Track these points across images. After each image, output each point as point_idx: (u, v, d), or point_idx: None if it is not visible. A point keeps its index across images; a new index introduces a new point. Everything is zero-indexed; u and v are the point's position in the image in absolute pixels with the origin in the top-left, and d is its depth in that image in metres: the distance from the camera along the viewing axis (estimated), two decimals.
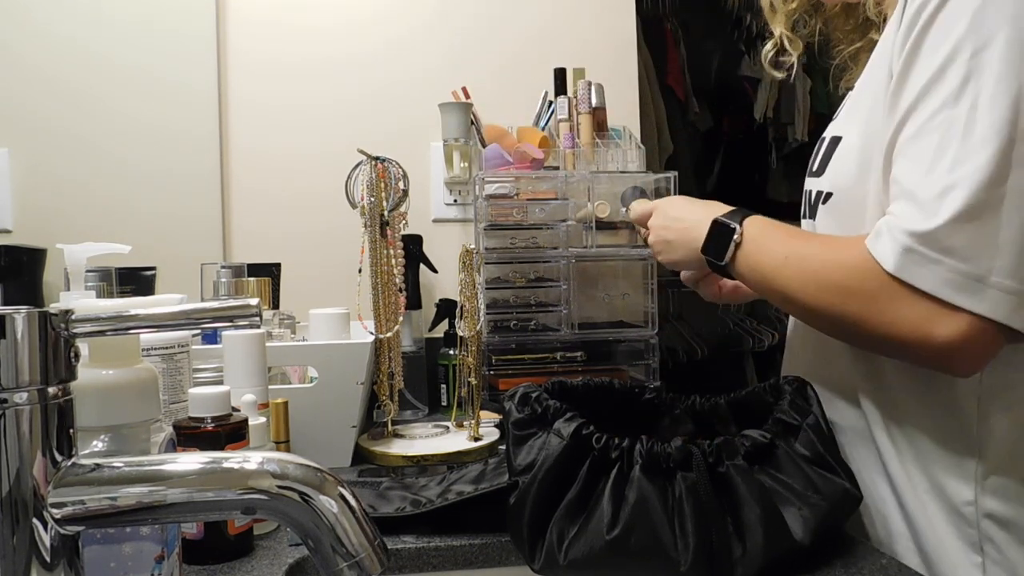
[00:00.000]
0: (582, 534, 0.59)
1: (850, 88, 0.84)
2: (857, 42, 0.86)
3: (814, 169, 0.76)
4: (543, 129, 1.39)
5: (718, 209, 0.76)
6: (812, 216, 0.75)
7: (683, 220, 0.80)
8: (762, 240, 0.71)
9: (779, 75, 0.91)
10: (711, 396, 0.78)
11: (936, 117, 0.58)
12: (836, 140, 0.73)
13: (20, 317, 0.36)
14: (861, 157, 0.68)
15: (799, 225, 0.82)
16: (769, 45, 0.88)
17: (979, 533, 0.63)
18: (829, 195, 0.72)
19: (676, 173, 1.27)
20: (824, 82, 2.99)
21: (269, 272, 1.18)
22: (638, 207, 0.91)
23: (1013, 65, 0.56)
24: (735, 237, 0.71)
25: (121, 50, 1.33)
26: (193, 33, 1.39)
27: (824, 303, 0.64)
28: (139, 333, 0.46)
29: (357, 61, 1.45)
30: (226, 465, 0.37)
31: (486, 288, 1.26)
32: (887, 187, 0.63)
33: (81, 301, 0.87)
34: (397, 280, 1.00)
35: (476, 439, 0.99)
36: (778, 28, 0.87)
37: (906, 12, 0.62)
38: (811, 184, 0.77)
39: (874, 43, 0.80)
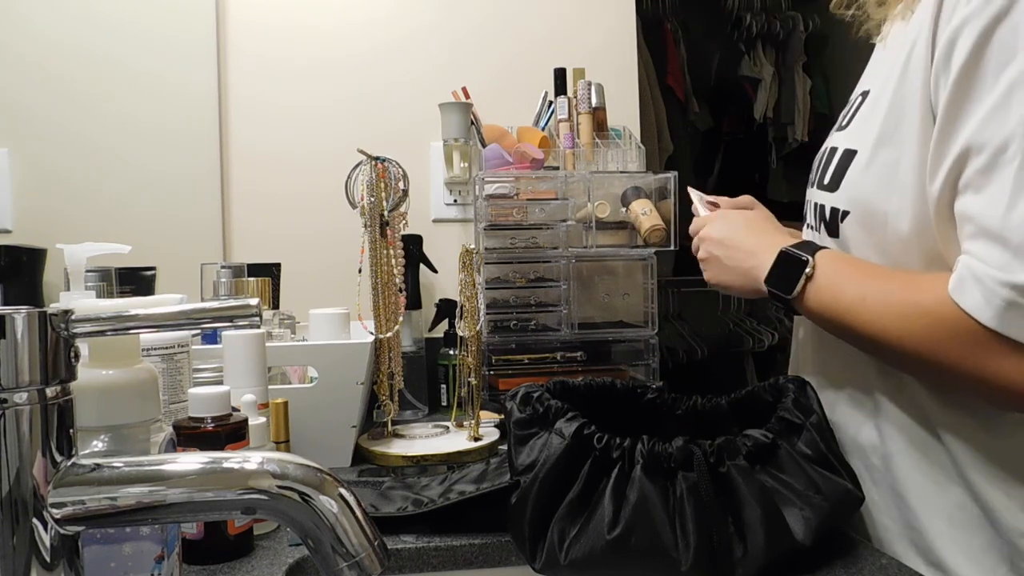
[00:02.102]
0: (583, 534, 0.59)
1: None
2: None
3: (825, 182, 0.72)
4: (543, 129, 1.39)
5: (783, 238, 0.73)
6: (834, 234, 0.71)
7: (743, 245, 0.77)
8: (837, 276, 0.67)
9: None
10: (712, 396, 0.78)
11: (1009, 148, 0.55)
12: (850, 153, 0.69)
13: (20, 317, 0.36)
14: (882, 174, 0.65)
15: (800, 229, 0.82)
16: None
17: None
18: (847, 213, 0.69)
19: (676, 173, 1.27)
20: (824, 82, 2.99)
21: (269, 272, 1.17)
22: (700, 217, 0.85)
23: None
24: (807, 270, 0.67)
25: (121, 50, 1.33)
26: (193, 33, 1.39)
27: (910, 348, 0.61)
28: (139, 333, 0.46)
29: (357, 61, 1.45)
30: (226, 465, 0.37)
31: (486, 288, 1.26)
32: (942, 216, 0.60)
33: (81, 301, 0.87)
34: (397, 280, 1.00)
35: (476, 439, 0.99)
36: None
37: (942, 19, 0.59)
38: (822, 198, 0.72)
39: None
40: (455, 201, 1.46)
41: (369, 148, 0.99)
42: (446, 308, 1.33)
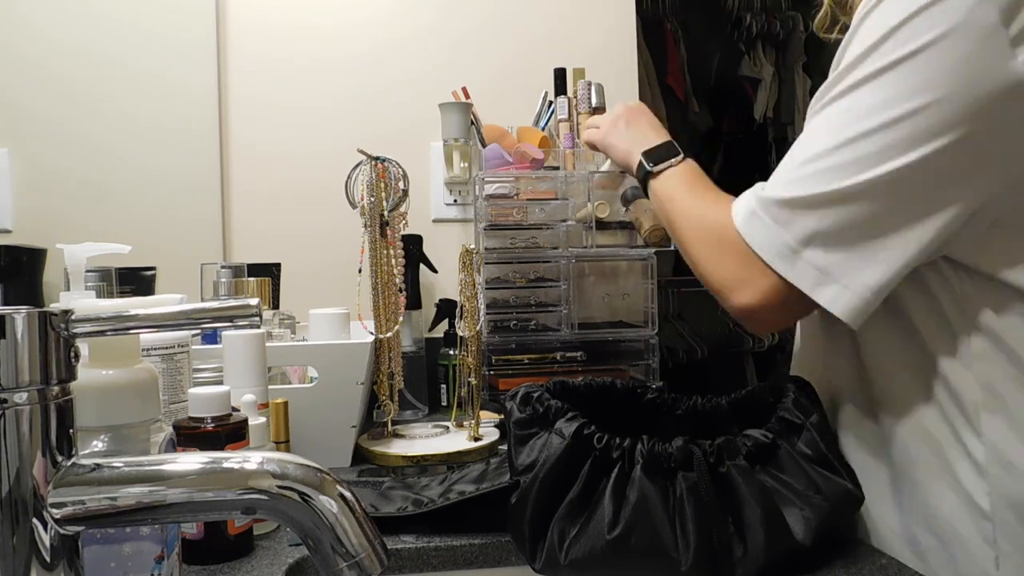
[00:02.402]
0: (583, 534, 0.59)
1: None
2: None
3: None
4: (543, 129, 1.39)
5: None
6: None
7: (647, 130, 0.93)
8: (687, 176, 0.81)
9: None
10: (712, 396, 0.78)
11: (835, 104, 0.62)
12: None
13: (20, 317, 0.36)
14: None
15: None
16: (821, 14, 0.85)
17: (994, 527, 0.62)
18: None
19: None
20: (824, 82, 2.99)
21: (269, 272, 1.17)
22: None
23: (915, 74, 0.58)
24: (674, 160, 0.83)
25: (121, 50, 1.33)
26: (193, 34, 1.39)
27: (691, 239, 0.74)
28: (139, 333, 0.46)
29: (357, 61, 1.45)
30: (226, 465, 0.37)
31: (486, 288, 1.26)
32: None
33: (81, 301, 0.87)
34: (397, 280, 1.00)
35: (476, 439, 0.99)
36: None
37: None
38: None
39: None
40: (455, 201, 1.46)
41: (369, 148, 0.99)
42: (446, 308, 1.33)
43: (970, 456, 0.63)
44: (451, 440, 1.00)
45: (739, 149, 3.00)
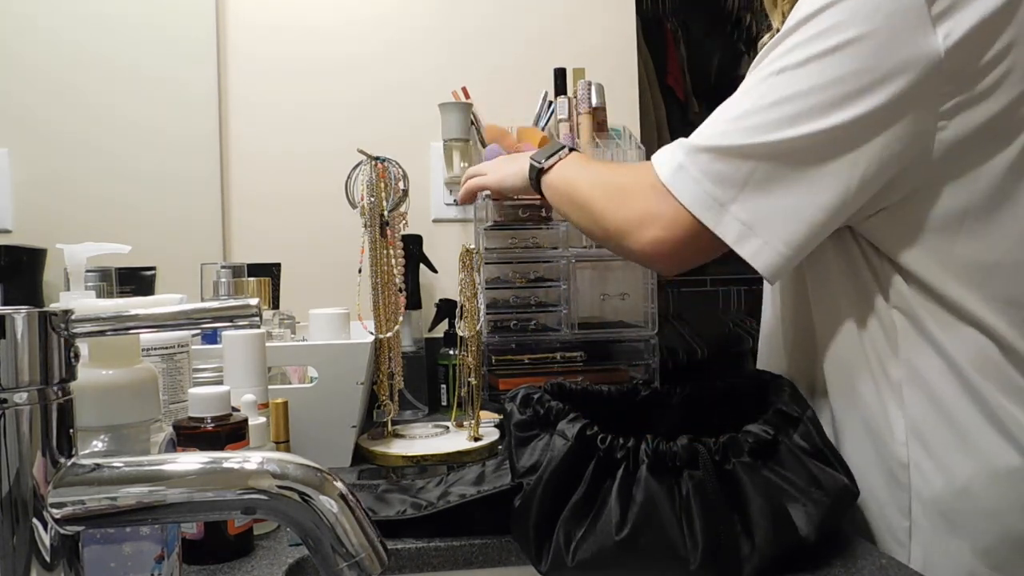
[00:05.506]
0: (590, 535, 0.59)
1: None
2: None
3: None
4: (543, 129, 1.39)
5: None
6: None
7: (516, 157, 0.96)
8: (582, 159, 0.85)
9: None
10: (700, 384, 0.79)
11: (768, 68, 0.66)
12: None
13: (20, 317, 0.36)
14: None
15: None
16: (766, 38, 0.89)
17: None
18: None
19: None
20: None
21: (269, 272, 1.17)
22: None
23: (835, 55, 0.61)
24: (562, 152, 0.86)
25: (121, 51, 1.33)
26: (193, 34, 1.39)
27: (595, 195, 0.76)
28: (139, 333, 0.46)
29: (357, 62, 1.45)
30: (226, 465, 0.37)
31: (486, 288, 1.26)
32: None
33: (81, 301, 0.87)
34: (397, 280, 1.00)
35: (476, 439, 0.99)
36: (777, 20, 0.88)
37: None
38: None
39: None
40: (455, 201, 1.46)
41: (369, 148, 0.99)
42: (446, 308, 1.33)
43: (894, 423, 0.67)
44: (451, 440, 1.00)
45: None
